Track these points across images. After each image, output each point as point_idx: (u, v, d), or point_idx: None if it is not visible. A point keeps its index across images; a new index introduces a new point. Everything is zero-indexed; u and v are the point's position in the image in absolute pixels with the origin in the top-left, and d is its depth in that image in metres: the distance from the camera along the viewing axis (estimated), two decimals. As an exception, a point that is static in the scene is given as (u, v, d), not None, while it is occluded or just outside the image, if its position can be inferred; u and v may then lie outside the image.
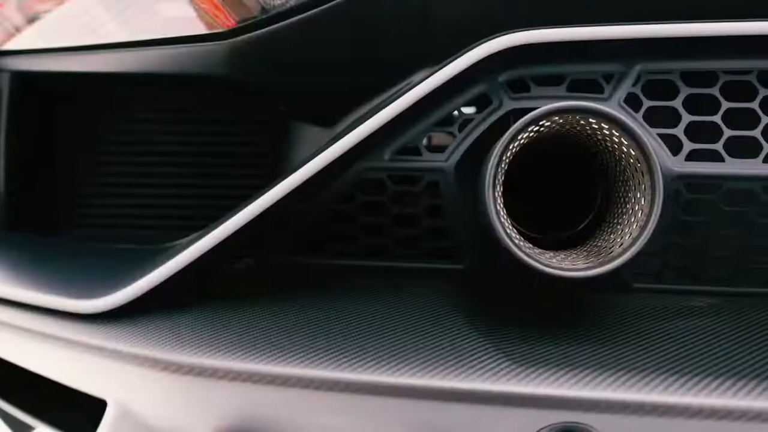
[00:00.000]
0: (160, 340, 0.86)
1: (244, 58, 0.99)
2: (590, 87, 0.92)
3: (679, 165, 0.88)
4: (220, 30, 1.01)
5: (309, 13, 0.96)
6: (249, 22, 0.98)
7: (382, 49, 0.95)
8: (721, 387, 0.73)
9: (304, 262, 1.04)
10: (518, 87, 0.94)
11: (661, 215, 0.81)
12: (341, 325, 0.86)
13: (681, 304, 0.93)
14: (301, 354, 0.80)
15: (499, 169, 0.80)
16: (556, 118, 0.81)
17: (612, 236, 0.84)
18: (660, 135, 0.90)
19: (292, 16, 0.96)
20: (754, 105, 0.90)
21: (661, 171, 0.84)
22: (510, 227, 0.82)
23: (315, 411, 0.81)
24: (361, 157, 0.94)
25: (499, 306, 0.92)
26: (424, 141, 0.96)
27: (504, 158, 0.81)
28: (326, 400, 0.79)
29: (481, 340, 0.81)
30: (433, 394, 0.76)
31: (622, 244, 0.80)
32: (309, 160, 0.90)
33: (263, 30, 0.98)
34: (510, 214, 0.93)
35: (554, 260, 0.81)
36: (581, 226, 0.96)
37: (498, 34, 0.90)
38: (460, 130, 0.94)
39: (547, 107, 0.78)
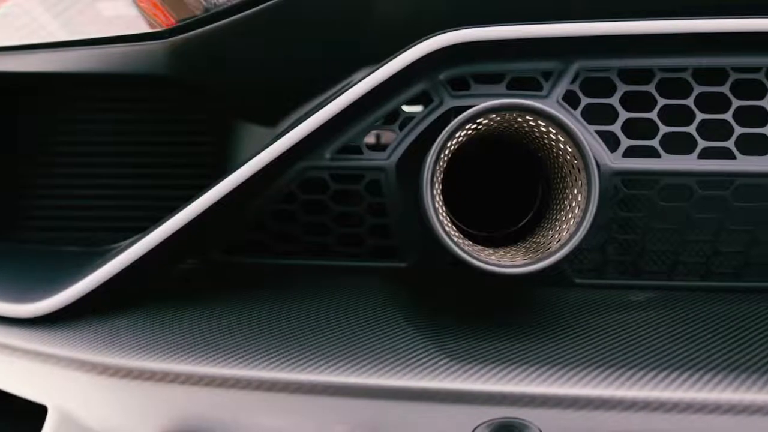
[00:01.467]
0: (98, 344, 0.85)
1: (184, 57, 0.98)
2: (530, 85, 0.93)
3: (617, 161, 0.89)
4: (159, 29, 1.00)
5: (249, 12, 0.95)
6: (188, 21, 0.97)
7: (322, 48, 0.95)
8: (655, 379, 0.74)
9: (247, 262, 1.03)
10: (459, 85, 0.94)
11: (598, 211, 0.82)
12: (282, 325, 0.86)
13: (621, 299, 0.94)
14: (240, 354, 0.80)
15: (437, 167, 0.80)
16: (494, 115, 0.81)
17: (550, 232, 0.85)
18: (598, 132, 0.91)
19: (232, 15, 0.96)
20: (689, 102, 0.91)
21: (599, 167, 0.86)
22: (449, 225, 0.82)
23: (256, 411, 0.81)
24: (301, 157, 0.94)
25: (440, 303, 0.93)
26: (366, 139, 0.95)
27: (442, 156, 0.81)
28: (267, 400, 0.79)
29: (420, 337, 0.81)
30: (372, 392, 0.76)
31: (559, 240, 0.81)
32: (248, 160, 0.90)
33: (203, 29, 0.97)
34: (453, 211, 0.94)
35: (493, 257, 0.82)
36: (523, 222, 0.96)
37: (437, 33, 0.90)
38: (401, 128, 0.94)
39: (482, 105, 0.78)
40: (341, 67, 0.95)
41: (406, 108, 0.96)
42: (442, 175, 0.84)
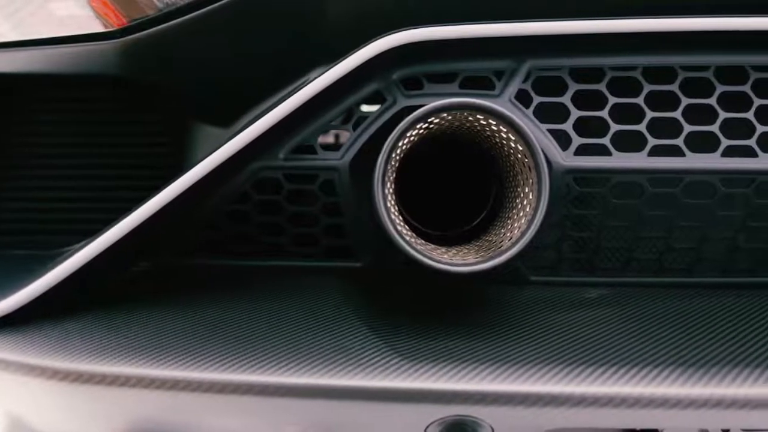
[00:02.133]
0: (48, 348, 0.84)
1: (136, 57, 0.97)
2: (482, 84, 0.93)
3: (568, 159, 0.90)
4: (111, 29, 0.98)
5: (200, 11, 0.94)
6: (140, 20, 0.96)
7: (275, 47, 0.94)
8: (604, 375, 0.75)
9: (202, 264, 1.02)
10: (412, 84, 0.94)
11: (549, 209, 0.82)
12: (234, 327, 0.85)
13: (575, 296, 0.95)
14: (191, 357, 0.79)
15: (389, 167, 0.80)
16: (444, 115, 0.81)
17: (503, 231, 0.85)
18: (550, 130, 0.91)
19: (183, 15, 0.95)
20: (639, 100, 0.92)
21: (550, 165, 0.86)
22: (401, 224, 0.82)
23: (208, 413, 0.80)
24: (255, 157, 0.93)
25: (394, 303, 0.93)
26: (321, 139, 0.95)
27: (394, 156, 0.81)
28: (218, 402, 0.78)
29: (372, 337, 0.81)
30: (323, 393, 0.75)
31: (511, 239, 0.82)
32: (200, 161, 0.89)
33: (155, 29, 0.96)
34: (408, 210, 0.94)
35: (446, 256, 0.82)
36: (477, 221, 0.97)
37: (390, 32, 0.90)
38: (355, 128, 0.94)
39: (432, 105, 0.79)
40: (295, 66, 0.94)
41: (365, 108, 0.96)
42: (394, 175, 0.84)
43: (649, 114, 0.91)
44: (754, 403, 0.75)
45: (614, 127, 0.91)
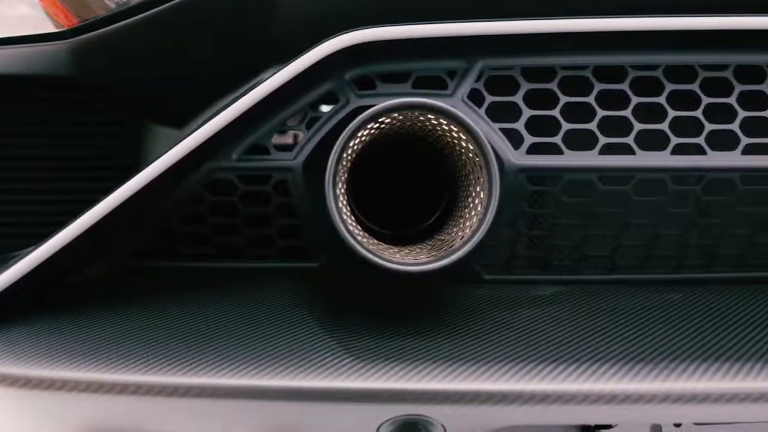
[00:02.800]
0: (-4, 353, 0.82)
1: (86, 58, 0.96)
2: (435, 83, 0.93)
3: (520, 158, 0.91)
4: (61, 30, 0.97)
5: (152, 11, 0.94)
6: (90, 21, 0.95)
7: (227, 47, 0.94)
8: (554, 372, 0.75)
9: (155, 266, 1.01)
10: (365, 84, 0.94)
11: (502, 208, 0.83)
12: (187, 329, 0.85)
13: (529, 294, 0.95)
14: (142, 360, 0.79)
15: (340, 167, 0.80)
16: (395, 114, 0.82)
17: (454, 230, 0.86)
18: (502, 129, 0.92)
19: (135, 15, 0.94)
20: (590, 99, 0.93)
21: (503, 164, 0.87)
22: (353, 224, 0.82)
23: (159, 417, 0.80)
24: (208, 158, 0.93)
25: (349, 303, 0.93)
26: (274, 140, 0.95)
27: (345, 156, 0.81)
28: (169, 405, 0.78)
29: (325, 337, 0.81)
30: (275, 394, 0.75)
31: (463, 237, 0.82)
32: (152, 163, 0.88)
33: (105, 29, 0.95)
34: (363, 210, 0.94)
35: (397, 255, 0.82)
36: (431, 220, 0.97)
37: (342, 32, 0.90)
38: (308, 128, 0.94)
39: (381, 105, 0.79)
40: (248, 66, 0.94)
41: (325, 108, 0.96)
42: (346, 175, 0.84)
43: (600, 113, 0.92)
44: (706, 397, 0.76)
45: (566, 126, 0.92)
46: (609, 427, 0.85)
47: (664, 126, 0.92)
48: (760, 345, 0.82)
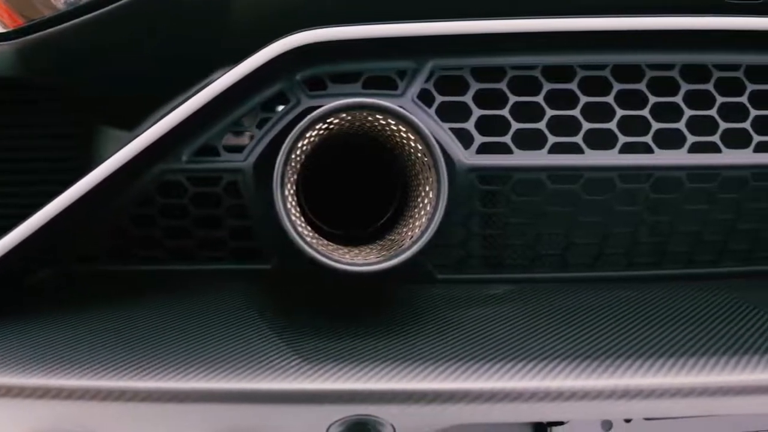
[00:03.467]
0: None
1: (33, 58, 0.94)
2: (386, 84, 0.94)
3: (470, 158, 0.91)
4: (6, 30, 0.96)
5: (100, 11, 0.93)
6: (36, 21, 0.94)
7: (177, 48, 0.93)
8: (501, 370, 0.76)
9: (109, 270, 1.00)
10: (316, 85, 0.94)
11: (453, 207, 0.83)
12: (136, 333, 0.84)
13: (481, 293, 0.96)
14: (88, 365, 0.78)
15: (288, 168, 0.80)
16: (344, 115, 0.81)
17: (404, 230, 0.86)
18: (452, 129, 0.92)
19: (82, 15, 0.93)
20: (539, 99, 0.93)
21: (452, 164, 0.87)
22: (302, 225, 0.82)
23: (107, 421, 0.79)
24: (157, 159, 0.92)
25: (301, 304, 0.93)
26: (225, 141, 0.94)
27: (294, 157, 0.81)
28: (117, 410, 0.77)
29: (275, 339, 0.81)
30: (223, 396, 0.75)
31: (412, 237, 0.82)
32: (100, 165, 0.87)
33: (52, 29, 0.94)
34: (316, 211, 0.94)
35: (347, 256, 0.82)
36: (383, 220, 0.97)
37: (292, 32, 0.89)
38: (259, 129, 0.93)
39: (329, 106, 0.79)
40: (198, 67, 0.93)
41: (275, 108, 0.96)
42: (296, 176, 0.84)
43: (549, 112, 0.93)
44: (655, 392, 0.77)
45: (515, 126, 0.93)
46: (561, 423, 0.86)
47: (612, 125, 0.93)
48: (706, 341, 0.83)
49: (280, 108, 0.94)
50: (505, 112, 0.93)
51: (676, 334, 0.85)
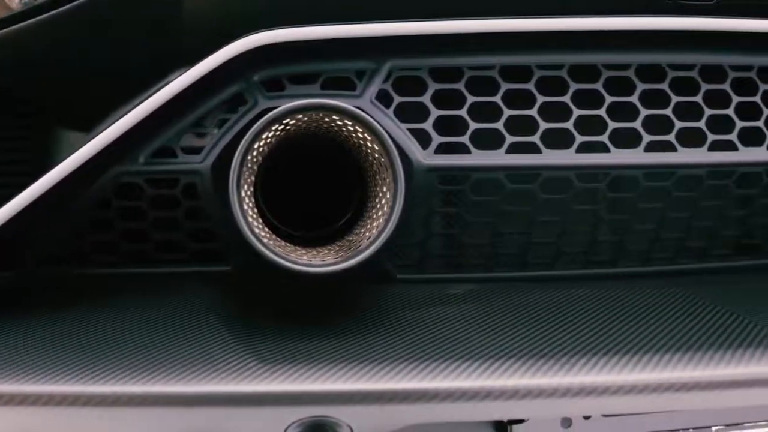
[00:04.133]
0: None
1: (-13, 59, 0.93)
2: (344, 84, 0.94)
3: (429, 158, 0.91)
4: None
5: (56, 11, 0.92)
6: (-10, 22, 0.93)
7: (133, 49, 0.92)
8: (458, 369, 0.76)
9: (67, 273, 0.99)
10: (274, 86, 0.94)
11: (412, 207, 0.84)
12: (92, 337, 0.83)
13: (441, 292, 0.96)
14: (43, 370, 0.77)
15: (244, 169, 0.80)
16: (300, 116, 0.81)
17: (362, 230, 0.86)
18: (411, 130, 0.92)
19: (38, 15, 0.92)
20: (497, 99, 0.94)
21: (411, 164, 0.88)
22: (259, 226, 0.82)
23: (62, 427, 0.78)
24: (114, 162, 0.91)
25: (261, 306, 0.92)
26: (183, 142, 0.94)
27: (250, 158, 0.81)
28: (73, 415, 0.76)
29: (234, 341, 0.81)
30: (180, 400, 0.75)
31: (369, 238, 0.82)
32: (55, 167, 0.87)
33: (6, 30, 0.93)
34: (276, 213, 0.93)
35: (305, 257, 0.82)
36: (342, 221, 0.97)
37: (249, 33, 0.89)
38: (216, 130, 0.93)
39: (285, 107, 0.79)
40: (155, 68, 0.92)
41: (233, 110, 0.95)
42: (253, 177, 0.84)
43: (507, 112, 0.94)
44: (613, 389, 0.78)
45: (473, 126, 0.93)
46: (521, 421, 0.87)
47: (569, 125, 0.94)
48: (663, 337, 0.84)
49: (239, 109, 0.93)
50: (463, 112, 0.93)
51: (634, 331, 0.86)
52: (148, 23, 0.91)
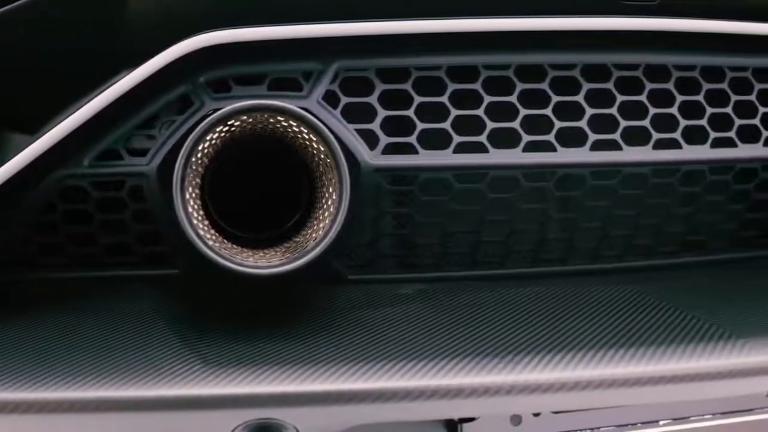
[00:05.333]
0: None
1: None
2: (291, 85, 0.93)
3: (376, 158, 0.91)
4: None
5: (-3, 11, 0.90)
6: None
7: (77, 49, 0.91)
8: (403, 369, 0.76)
9: (13, 278, 0.98)
10: (221, 87, 0.93)
11: (360, 208, 0.84)
12: (35, 343, 0.82)
13: (391, 293, 0.96)
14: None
15: (188, 171, 0.80)
16: (245, 117, 0.81)
17: (309, 231, 0.86)
18: (358, 130, 0.92)
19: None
20: (444, 99, 0.94)
21: (358, 165, 0.88)
22: (204, 228, 0.82)
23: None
24: (58, 164, 0.90)
25: (210, 308, 0.92)
26: (128, 144, 0.93)
27: (194, 160, 0.80)
28: (12, 422, 0.75)
29: (179, 345, 0.80)
30: (122, 405, 0.74)
31: (316, 239, 0.82)
32: (-3, 170, 0.85)
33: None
34: (223, 215, 0.93)
35: (251, 259, 0.82)
36: (291, 223, 0.97)
37: (195, 34, 0.88)
38: (162, 132, 0.92)
39: (228, 108, 0.79)
40: (99, 69, 0.91)
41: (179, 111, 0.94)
42: (198, 179, 0.83)
43: (454, 112, 0.94)
44: (562, 386, 0.78)
45: (420, 126, 0.93)
46: (472, 420, 0.87)
47: (516, 124, 0.95)
48: (612, 334, 0.85)
49: (185, 110, 0.93)
50: (410, 112, 0.94)
51: (582, 328, 0.87)
52: (91, 23, 0.90)
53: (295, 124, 0.81)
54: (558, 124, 0.96)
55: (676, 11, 0.96)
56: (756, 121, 1.03)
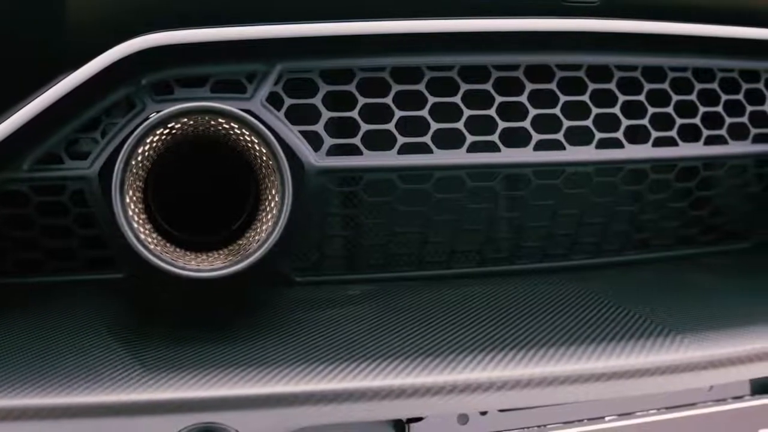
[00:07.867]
0: None
1: None
2: (234, 87, 0.93)
3: (320, 160, 0.91)
4: None
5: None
6: None
7: (15, 50, 0.89)
8: (346, 370, 0.77)
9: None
10: (163, 89, 0.92)
11: (305, 209, 0.83)
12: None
13: (339, 294, 0.96)
14: None
15: (128, 174, 0.79)
16: (185, 120, 0.80)
17: (252, 234, 0.85)
18: (302, 132, 0.92)
19: None
20: (388, 100, 0.94)
21: (302, 166, 0.87)
22: (145, 232, 0.81)
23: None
24: (-4, 168, 0.89)
25: (154, 312, 0.91)
26: (68, 148, 0.92)
27: (134, 163, 0.79)
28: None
29: (119, 350, 0.79)
30: (61, 412, 0.73)
31: (258, 241, 0.82)
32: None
33: None
34: (167, 218, 0.92)
35: (193, 262, 0.81)
36: (236, 225, 0.96)
37: (135, 37, 0.87)
38: (104, 135, 0.91)
39: (166, 111, 0.78)
40: (38, 70, 0.90)
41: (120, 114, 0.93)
42: (140, 182, 0.82)
43: (398, 113, 0.94)
44: (507, 384, 0.79)
45: (365, 127, 0.93)
46: (419, 419, 0.87)
47: (460, 125, 0.95)
48: (556, 331, 0.86)
49: (127, 113, 0.92)
50: (354, 113, 0.94)
51: (528, 326, 0.88)
52: (29, 23, 0.89)
53: (236, 126, 0.81)
54: (502, 125, 0.96)
55: (617, 12, 0.97)
56: (696, 121, 1.04)
